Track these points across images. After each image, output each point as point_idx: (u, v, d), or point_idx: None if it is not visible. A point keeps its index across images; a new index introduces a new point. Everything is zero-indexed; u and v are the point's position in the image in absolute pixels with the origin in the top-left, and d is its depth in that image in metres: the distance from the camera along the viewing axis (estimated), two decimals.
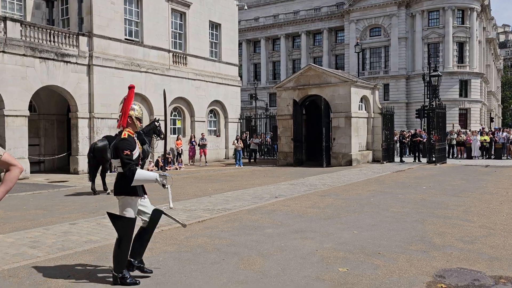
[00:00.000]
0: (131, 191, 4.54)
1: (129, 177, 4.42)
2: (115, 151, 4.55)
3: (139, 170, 4.52)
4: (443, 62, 51.11)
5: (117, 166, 4.61)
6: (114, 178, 4.86)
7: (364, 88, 21.59)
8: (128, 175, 4.41)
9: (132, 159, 4.49)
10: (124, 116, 4.64)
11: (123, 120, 4.65)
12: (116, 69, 19.16)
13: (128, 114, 4.64)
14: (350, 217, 7.90)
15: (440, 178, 14.58)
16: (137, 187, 4.60)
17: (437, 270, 4.82)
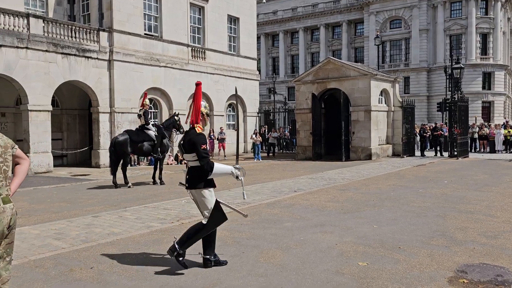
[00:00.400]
0: (209, 184, 4.79)
1: (207, 170, 4.65)
2: (192, 146, 4.72)
3: (216, 164, 4.74)
4: (465, 54, 49.97)
5: (189, 161, 4.83)
6: (134, 171, 4.95)
7: (384, 81, 21.31)
8: (206, 168, 4.64)
9: (208, 153, 4.73)
10: (197, 112, 4.87)
11: (194, 116, 4.87)
12: (135, 64, 19.37)
13: (200, 110, 4.89)
14: (370, 211, 7.85)
15: (462, 172, 14.33)
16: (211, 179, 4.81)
17: (459, 265, 4.77)
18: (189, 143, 4.77)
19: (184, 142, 4.86)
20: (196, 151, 4.68)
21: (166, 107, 21.08)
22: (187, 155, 4.83)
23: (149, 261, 5.11)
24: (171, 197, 9.96)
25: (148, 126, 12.46)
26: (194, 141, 4.70)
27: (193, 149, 4.71)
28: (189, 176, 4.81)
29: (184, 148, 4.87)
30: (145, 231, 6.58)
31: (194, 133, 4.79)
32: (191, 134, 4.81)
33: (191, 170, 4.81)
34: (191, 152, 4.76)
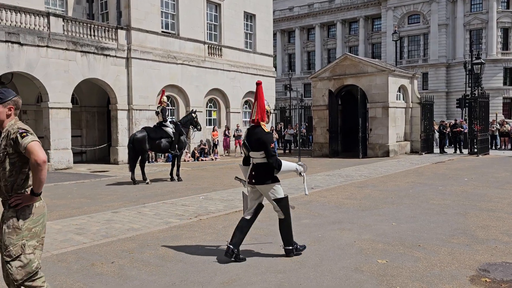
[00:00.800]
0: (275, 179, 4.99)
1: (275, 167, 4.87)
2: (261, 144, 4.87)
3: (283, 161, 4.96)
4: (486, 49, 48.93)
5: (255, 158, 4.97)
6: (152, 168, 5.02)
7: (402, 77, 21.04)
8: (275, 166, 4.85)
9: (276, 151, 4.94)
10: (262, 111, 5.01)
11: (260, 115, 5.00)
12: (153, 61, 19.53)
13: (265, 109, 5.05)
14: (388, 209, 7.78)
15: (483, 169, 14.07)
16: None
17: (480, 264, 4.69)
18: (258, 141, 4.89)
19: (251, 140, 4.98)
20: (265, 149, 4.84)
21: (183, 104, 21.22)
22: (255, 153, 4.95)
23: (167, 257, 5.16)
24: (188, 193, 10.04)
25: (166, 123, 12.57)
26: (264, 140, 4.86)
27: (262, 147, 4.86)
28: (255, 173, 4.95)
29: (250, 146, 4.98)
30: (163, 227, 6.65)
31: (263, 132, 4.92)
32: (258, 133, 4.92)
33: (257, 166, 4.95)
34: (259, 150, 4.90)
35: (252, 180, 4.98)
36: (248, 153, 5.04)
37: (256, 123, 5.02)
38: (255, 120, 5.04)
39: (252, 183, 5.00)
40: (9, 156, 2.90)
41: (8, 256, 2.86)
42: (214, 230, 6.44)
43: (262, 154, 4.88)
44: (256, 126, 5.01)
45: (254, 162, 4.97)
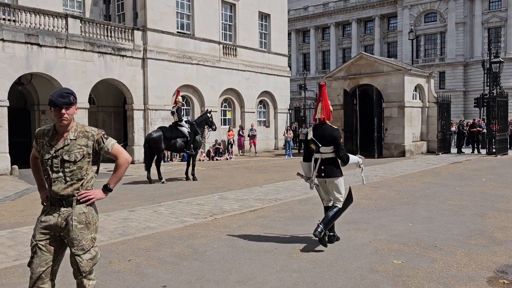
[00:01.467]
0: (341, 172, 5.49)
1: (344, 160, 5.40)
2: (332, 140, 5.33)
3: (349, 155, 5.51)
4: (505, 47, 48.03)
5: (324, 152, 5.38)
6: (167, 167, 5.08)
7: (418, 76, 20.81)
8: (344, 159, 5.38)
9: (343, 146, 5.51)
10: (327, 110, 5.52)
11: (326, 114, 5.50)
12: (168, 61, 19.70)
13: (330, 109, 5.58)
14: (404, 209, 7.72)
15: (501, 170, 13.84)
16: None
17: (498, 266, 4.63)
18: (330, 137, 5.33)
19: (321, 136, 5.37)
20: (336, 144, 5.33)
21: (198, 104, 21.35)
22: (325, 148, 5.36)
23: (183, 255, 5.22)
24: (203, 193, 10.11)
25: (181, 123, 12.68)
26: (335, 136, 5.34)
27: (333, 142, 5.32)
28: (324, 167, 5.37)
29: (320, 141, 5.35)
30: (179, 226, 6.72)
31: (332, 129, 5.40)
32: (328, 129, 5.39)
33: (326, 161, 5.38)
34: (329, 145, 5.34)
35: (322, 174, 5.40)
36: (318, 148, 5.36)
37: (322, 121, 5.48)
38: (321, 119, 5.50)
39: (322, 176, 5.41)
40: (88, 156, 3.04)
41: (81, 250, 3.01)
42: (229, 229, 6.48)
43: (332, 149, 5.34)
44: (322, 123, 5.48)
45: (323, 157, 5.38)
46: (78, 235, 3.00)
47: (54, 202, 3.02)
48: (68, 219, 2.99)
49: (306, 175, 5.64)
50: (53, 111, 2.94)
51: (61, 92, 2.94)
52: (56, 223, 2.99)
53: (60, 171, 2.96)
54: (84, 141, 3.02)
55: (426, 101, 21.09)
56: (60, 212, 3.00)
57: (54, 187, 2.97)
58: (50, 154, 2.98)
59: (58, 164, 2.96)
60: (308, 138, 5.50)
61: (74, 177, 2.99)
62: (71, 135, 3.00)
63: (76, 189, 3.00)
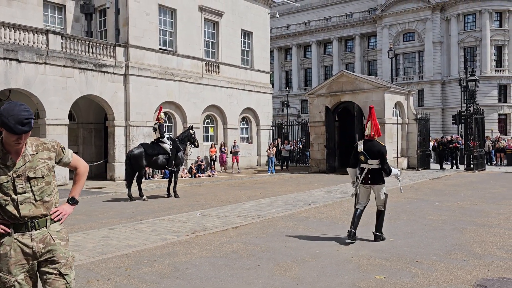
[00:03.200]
0: (383, 180, 6.51)
1: (387, 172, 6.48)
2: (380, 155, 6.36)
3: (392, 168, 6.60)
4: (480, 66, 49.49)
5: (371, 164, 6.40)
6: (149, 184, 5.01)
7: (398, 94, 21.23)
8: (387, 171, 6.46)
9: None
10: (377, 129, 6.52)
11: (376, 131, 6.50)
12: (151, 78, 19.66)
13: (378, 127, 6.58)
14: (386, 225, 7.74)
15: (479, 185, 14.11)
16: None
17: (478, 279, 4.69)
18: (378, 152, 6.36)
19: (370, 150, 6.37)
20: (382, 158, 6.37)
21: (180, 121, 21.28)
22: (372, 161, 6.38)
23: (164, 273, 5.13)
24: (185, 210, 10.01)
25: (163, 139, 12.59)
26: (383, 152, 6.41)
27: (379, 156, 6.35)
28: (371, 176, 6.40)
29: (369, 154, 6.36)
30: (160, 244, 6.61)
31: (380, 145, 6.46)
32: (377, 145, 6.42)
33: (372, 171, 6.41)
34: (376, 158, 6.37)
35: (368, 181, 6.41)
36: (366, 160, 6.36)
37: (372, 137, 6.46)
38: (371, 135, 6.48)
39: (368, 183, 6.42)
40: (52, 169, 2.82)
41: (69, 268, 2.80)
42: (211, 246, 6.41)
43: (378, 162, 6.36)
44: (371, 139, 6.47)
45: (370, 168, 6.40)
46: (65, 252, 2.78)
47: (20, 227, 2.66)
48: (46, 241, 2.72)
49: (351, 179, 6.65)
50: (7, 135, 2.59)
51: (19, 118, 2.56)
52: (32, 251, 2.67)
53: (28, 191, 2.67)
54: (46, 154, 2.78)
55: (405, 118, 21.48)
56: (33, 237, 2.68)
57: (23, 211, 2.65)
58: (8, 175, 2.63)
59: (23, 184, 2.66)
60: (358, 150, 6.47)
61: (44, 195, 2.73)
62: (29, 150, 2.72)
63: (48, 207, 2.75)
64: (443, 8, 52.33)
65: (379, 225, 6.54)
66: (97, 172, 20.03)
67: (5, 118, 2.54)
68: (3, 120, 2.55)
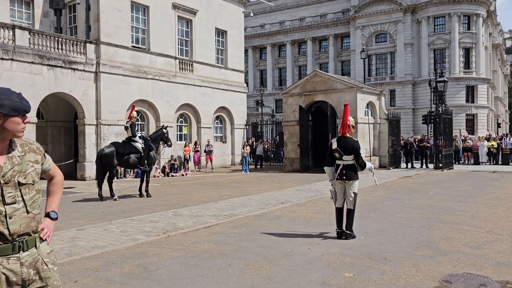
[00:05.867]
0: (357, 176, 6.63)
1: (362, 167, 6.64)
2: (354, 150, 6.49)
3: (366, 162, 6.74)
4: (449, 67, 50.94)
5: (346, 160, 6.51)
6: (120, 184, 4.92)
7: (370, 94, 21.58)
8: (362, 165, 6.62)
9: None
10: (345, 126, 6.62)
11: (348, 129, 6.60)
12: (123, 76, 19.32)
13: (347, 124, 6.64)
14: (357, 223, 7.86)
15: (447, 184, 14.50)
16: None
17: (443, 275, 4.81)
18: (352, 148, 6.49)
19: (344, 147, 6.50)
20: (356, 153, 6.51)
21: (153, 119, 21.02)
22: (347, 157, 6.51)
23: (133, 274, 5.04)
24: (157, 209, 9.88)
25: (135, 138, 12.40)
26: (357, 147, 6.54)
27: (354, 152, 6.49)
28: (346, 171, 6.53)
29: (343, 150, 6.50)
30: (130, 244, 6.50)
31: (354, 141, 6.58)
32: (350, 141, 6.53)
33: (347, 167, 6.52)
34: (351, 154, 6.50)
35: (343, 177, 6.53)
36: (341, 156, 6.50)
37: (344, 134, 6.61)
38: (345, 132, 6.63)
39: (343, 179, 6.54)
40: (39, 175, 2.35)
41: None
42: (182, 246, 6.35)
43: (352, 157, 6.50)
44: (344, 136, 6.59)
45: (345, 164, 6.53)
46: (58, 280, 2.30)
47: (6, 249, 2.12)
48: (38, 265, 2.21)
49: (329, 177, 6.76)
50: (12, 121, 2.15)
51: (18, 94, 2.21)
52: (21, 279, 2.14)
53: (18, 201, 2.16)
54: (33, 157, 2.31)
55: (377, 117, 21.87)
56: (21, 261, 2.15)
57: (13, 226, 2.13)
58: None
59: (13, 192, 2.15)
60: (333, 148, 6.61)
61: (35, 205, 2.25)
62: (17, 150, 2.23)
63: (38, 221, 2.26)
64: (414, 10, 53.55)
65: (349, 224, 6.63)
66: (67, 171, 19.55)
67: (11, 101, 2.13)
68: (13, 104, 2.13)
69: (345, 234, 6.60)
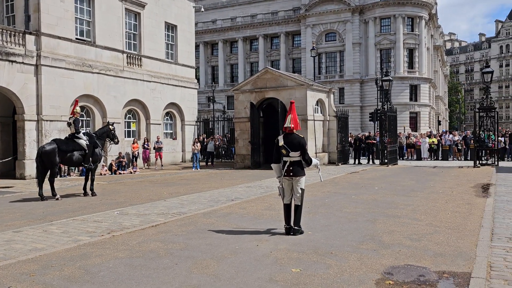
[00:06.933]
0: (304, 173, 6.69)
1: (308, 163, 6.67)
2: (301, 146, 6.58)
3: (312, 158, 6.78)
4: (394, 67, 53.05)
5: (293, 157, 6.57)
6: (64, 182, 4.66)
7: (319, 91, 22.00)
8: (308, 162, 6.65)
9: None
10: (296, 122, 6.71)
11: (295, 124, 6.68)
12: (66, 69, 18.44)
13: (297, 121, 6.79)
14: (305, 218, 7.96)
15: (392, 179, 15.08)
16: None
17: (385, 268, 4.96)
18: (298, 144, 6.58)
19: (291, 143, 6.58)
20: (302, 149, 6.59)
21: (99, 115, 20.24)
22: (294, 153, 6.57)
23: (74, 277, 4.81)
24: (102, 208, 9.52)
25: (79, 134, 11.87)
26: (303, 143, 6.64)
27: (300, 148, 6.57)
28: (293, 168, 6.57)
29: (290, 147, 6.56)
30: (72, 246, 6.21)
31: (300, 137, 6.68)
32: (296, 138, 6.63)
33: (294, 163, 6.59)
34: (297, 150, 6.57)
35: (290, 173, 6.57)
36: (288, 153, 6.54)
37: (291, 130, 6.64)
38: (291, 128, 6.65)
39: (290, 175, 6.57)
40: None
41: None
42: (127, 246, 6.14)
43: (299, 154, 6.57)
44: (291, 133, 6.65)
45: (291, 160, 6.58)
46: None
47: None
48: None
49: (276, 174, 6.78)
50: None
51: None
52: None
53: None
54: None
55: (327, 115, 22.34)
56: None
57: None
58: None
59: None
60: (280, 145, 6.64)
61: None
62: None
63: None
64: (362, 11, 55.24)
65: (297, 220, 6.70)
66: (5, 170, 18.44)
67: None
68: None
69: (293, 230, 6.65)
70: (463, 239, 6.25)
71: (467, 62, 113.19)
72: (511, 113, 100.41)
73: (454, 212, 8.40)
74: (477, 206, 9.04)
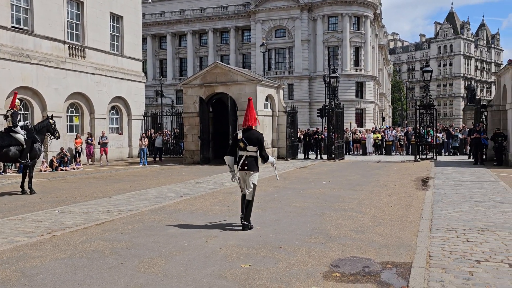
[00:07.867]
0: (258, 169, 6.82)
1: (266, 158, 6.81)
2: (258, 141, 6.72)
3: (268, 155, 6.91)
4: (341, 64, 54.53)
5: (250, 151, 6.71)
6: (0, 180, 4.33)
7: (269, 87, 22.14)
8: (265, 158, 6.80)
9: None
10: (254, 119, 6.83)
11: (253, 121, 6.81)
12: (1, 59, 17.28)
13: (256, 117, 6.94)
14: (254, 214, 7.96)
15: (339, 173, 15.50)
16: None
17: (332, 260, 5.07)
18: (256, 139, 6.72)
19: (249, 138, 6.69)
20: (260, 145, 6.73)
21: (39, 109, 19.18)
22: (251, 147, 6.70)
23: (8, 282, 4.50)
24: (42, 207, 9.03)
25: (16, 128, 11.16)
26: (261, 139, 6.77)
27: (258, 143, 6.71)
28: (248, 162, 6.69)
29: (248, 142, 6.67)
30: (7, 247, 5.81)
31: (259, 133, 6.83)
32: (255, 133, 6.78)
33: (249, 158, 6.70)
34: (255, 145, 6.70)
35: (245, 167, 6.70)
36: (246, 147, 6.67)
37: (249, 126, 6.78)
38: (248, 124, 6.79)
39: (245, 169, 6.70)
40: None
41: None
42: (69, 246, 5.85)
43: (256, 149, 6.72)
44: (250, 128, 6.78)
45: (248, 155, 6.71)
46: None
47: None
48: None
49: (229, 166, 6.89)
50: None
51: None
52: None
53: None
54: None
55: (276, 110, 22.54)
56: None
57: None
58: None
59: None
60: (238, 138, 6.79)
61: None
62: None
63: None
64: (311, 8, 56.22)
65: (247, 215, 6.71)
66: None
67: None
68: None
69: (243, 225, 6.65)
70: (405, 231, 6.53)
71: (409, 61, 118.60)
72: (448, 110, 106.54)
73: (396, 205, 8.76)
74: (418, 199, 9.49)
